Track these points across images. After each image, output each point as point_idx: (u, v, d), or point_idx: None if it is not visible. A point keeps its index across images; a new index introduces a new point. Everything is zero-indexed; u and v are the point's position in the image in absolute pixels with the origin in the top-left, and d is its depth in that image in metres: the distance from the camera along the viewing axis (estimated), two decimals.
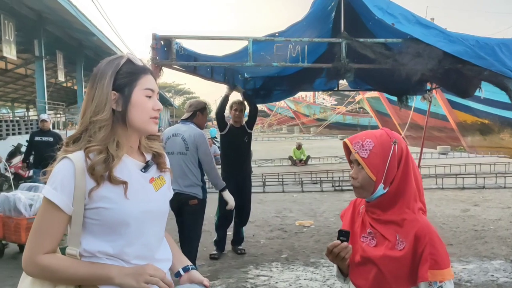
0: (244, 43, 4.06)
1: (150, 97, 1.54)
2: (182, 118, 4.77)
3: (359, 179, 1.65)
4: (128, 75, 1.50)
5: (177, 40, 3.94)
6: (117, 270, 1.44)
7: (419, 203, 1.69)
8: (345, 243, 1.61)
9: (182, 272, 1.65)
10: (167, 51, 3.93)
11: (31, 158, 8.22)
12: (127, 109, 1.49)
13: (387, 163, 1.62)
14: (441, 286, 1.56)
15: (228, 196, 4.75)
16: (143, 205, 1.51)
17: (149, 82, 1.54)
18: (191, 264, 1.69)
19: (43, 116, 8.42)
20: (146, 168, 1.58)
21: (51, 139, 7.92)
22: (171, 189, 1.75)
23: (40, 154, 7.88)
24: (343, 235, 1.63)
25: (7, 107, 42.08)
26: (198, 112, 4.65)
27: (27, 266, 1.44)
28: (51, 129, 8.46)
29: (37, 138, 7.94)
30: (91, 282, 1.44)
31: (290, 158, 17.25)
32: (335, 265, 1.83)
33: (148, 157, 1.62)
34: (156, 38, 3.79)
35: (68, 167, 1.43)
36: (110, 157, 1.45)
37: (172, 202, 3.02)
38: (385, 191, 1.63)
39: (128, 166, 1.52)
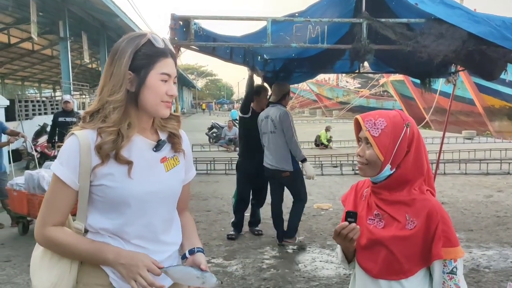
0: (263, 23, 4.01)
1: (165, 81, 1.50)
2: (271, 101, 5.36)
3: (366, 157, 1.63)
4: (146, 57, 1.47)
5: (196, 21, 3.92)
6: (113, 255, 1.45)
7: (427, 186, 1.67)
8: (353, 224, 1.59)
9: (187, 255, 1.63)
10: (185, 31, 3.90)
11: (56, 138, 8.39)
12: (140, 91, 1.47)
13: (397, 145, 1.60)
14: (455, 266, 1.55)
15: (307, 167, 5.22)
16: (148, 186, 1.50)
17: (167, 66, 1.49)
18: (200, 247, 1.66)
19: (66, 97, 8.50)
20: (157, 147, 1.56)
21: (74, 119, 7.97)
22: (192, 170, 1.73)
23: (64, 134, 8.05)
24: (350, 216, 1.61)
25: (34, 88, 43.03)
26: (286, 95, 5.39)
27: (37, 236, 1.50)
28: (74, 109, 8.55)
29: (60, 119, 8.05)
30: (90, 261, 1.49)
31: (317, 139, 17.16)
32: (339, 250, 1.82)
33: (163, 136, 1.60)
34: (174, 18, 3.77)
35: (74, 144, 1.46)
36: (120, 137, 1.45)
37: (268, 175, 4.36)
38: (391, 172, 1.62)
39: (138, 145, 1.52)
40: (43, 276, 1.49)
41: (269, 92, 5.72)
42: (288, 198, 5.56)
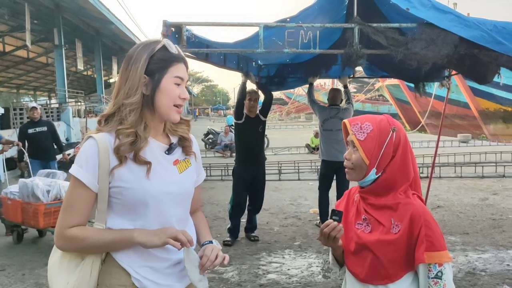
0: (255, 29, 4.01)
1: (178, 85, 1.56)
2: (331, 104, 6.43)
3: (352, 160, 1.65)
4: (160, 62, 1.53)
5: (188, 27, 3.92)
6: (139, 230, 1.51)
7: (413, 191, 1.67)
8: (335, 223, 1.61)
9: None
10: (178, 38, 3.91)
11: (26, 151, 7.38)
12: (155, 94, 1.53)
13: (382, 149, 1.61)
14: (440, 271, 1.53)
15: None
16: (164, 186, 1.55)
17: (180, 70, 1.56)
18: (208, 240, 1.70)
19: (33, 104, 7.68)
20: (169, 150, 1.62)
21: (44, 128, 7.51)
22: (202, 172, 1.78)
23: (37, 146, 7.40)
24: (335, 214, 1.63)
25: (29, 96, 42.90)
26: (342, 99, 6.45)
27: (57, 240, 1.52)
28: (42, 117, 7.78)
29: (30, 131, 7.44)
30: (116, 245, 1.52)
31: (308, 146, 17.13)
32: (330, 254, 1.82)
33: (174, 139, 1.66)
34: (166, 25, 3.77)
35: (93, 147, 1.49)
36: (138, 139, 1.50)
37: (333, 167, 5.95)
38: (376, 176, 1.63)
39: (152, 147, 1.57)
40: (62, 281, 1.52)
41: (258, 96, 5.75)
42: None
